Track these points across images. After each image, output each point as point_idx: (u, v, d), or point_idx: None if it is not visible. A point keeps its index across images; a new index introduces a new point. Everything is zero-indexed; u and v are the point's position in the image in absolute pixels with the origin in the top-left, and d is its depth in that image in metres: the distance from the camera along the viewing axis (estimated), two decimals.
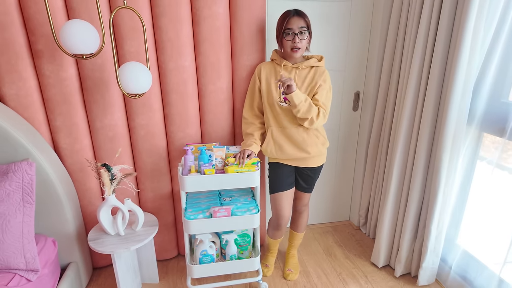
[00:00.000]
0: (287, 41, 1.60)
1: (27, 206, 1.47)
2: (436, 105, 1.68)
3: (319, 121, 1.66)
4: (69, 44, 1.35)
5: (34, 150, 1.54)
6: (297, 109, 1.59)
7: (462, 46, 1.47)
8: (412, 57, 1.76)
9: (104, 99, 1.70)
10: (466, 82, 1.53)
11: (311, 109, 1.61)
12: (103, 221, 1.63)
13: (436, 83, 1.64)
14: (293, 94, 1.55)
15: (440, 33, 1.57)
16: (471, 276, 1.76)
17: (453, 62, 1.52)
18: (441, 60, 1.60)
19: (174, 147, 1.89)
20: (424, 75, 1.69)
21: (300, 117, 1.62)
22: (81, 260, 1.84)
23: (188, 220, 1.65)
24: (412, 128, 1.82)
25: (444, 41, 1.58)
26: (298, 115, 1.61)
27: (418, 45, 1.67)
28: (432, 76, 1.64)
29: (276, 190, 1.80)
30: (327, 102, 1.69)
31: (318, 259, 2.20)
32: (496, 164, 1.58)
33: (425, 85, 1.70)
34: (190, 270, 1.76)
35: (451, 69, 1.55)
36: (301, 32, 1.57)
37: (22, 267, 1.42)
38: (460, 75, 1.51)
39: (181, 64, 1.72)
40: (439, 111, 1.69)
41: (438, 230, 1.78)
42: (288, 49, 1.62)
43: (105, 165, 1.57)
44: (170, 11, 1.62)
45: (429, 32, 1.63)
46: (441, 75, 1.63)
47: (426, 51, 1.66)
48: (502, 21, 1.46)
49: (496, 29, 1.47)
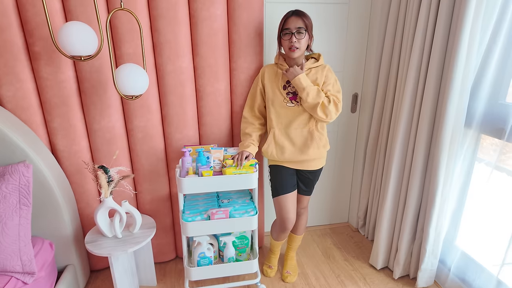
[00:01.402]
0: (285, 41, 1.60)
1: (24, 209, 1.46)
2: (434, 106, 1.68)
3: (332, 109, 1.62)
4: (67, 46, 1.35)
5: (31, 152, 1.54)
6: (306, 92, 1.57)
7: (459, 47, 1.47)
8: (409, 58, 1.76)
9: (101, 101, 1.70)
10: (463, 84, 1.54)
11: (320, 93, 1.59)
12: (100, 223, 1.62)
13: (433, 84, 1.64)
14: (300, 76, 1.54)
15: (437, 35, 1.58)
16: (469, 278, 1.76)
17: (451, 64, 1.52)
18: (439, 62, 1.61)
19: (172, 148, 1.89)
20: (422, 76, 1.69)
21: (311, 102, 1.59)
22: (79, 263, 1.83)
23: (186, 222, 1.64)
24: (410, 130, 1.82)
25: (442, 43, 1.58)
26: (308, 99, 1.58)
27: (416, 46, 1.68)
28: (430, 78, 1.64)
29: (280, 193, 1.79)
30: (337, 93, 1.67)
31: (317, 261, 2.20)
32: (495, 166, 1.58)
33: (423, 87, 1.71)
34: (188, 273, 1.75)
35: (448, 71, 1.55)
36: (299, 31, 1.57)
37: (19, 269, 1.41)
38: (458, 76, 1.52)
39: (179, 66, 1.72)
40: (437, 112, 1.69)
41: (437, 232, 1.78)
42: (286, 49, 1.63)
43: (102, 167, 1.57)
44: (168, 13, 1.62)
45: (426, 34, 1.64)
46: (439, 76, 1.64)
47: (423, 53, 1.67)
48: (499, 22, 1.46)
49: (493, 30, 1.48)
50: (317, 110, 1.61)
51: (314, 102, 1.59)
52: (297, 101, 1.68)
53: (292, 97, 1.68)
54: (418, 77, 1.72)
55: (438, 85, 1.65)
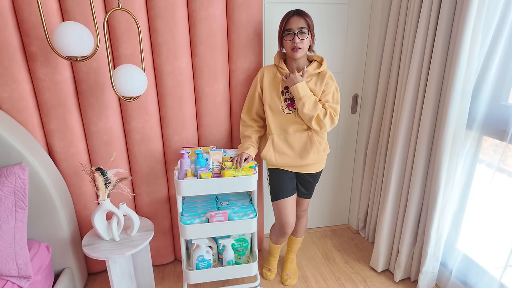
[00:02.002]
0: (287, 42, 1.57)
1: (20, 212, 1.44)
2: (435, 108, 1.66)
3: (327, 122, 1.60)
4: (62, 47, 1.33)
5: (28, 153, 1.52)
6: (302, 103, 1.54)
7: (461, 49, 1.46)
8: (410, 59, 1.75)
9: (99, 102, 1.68)
10: (465, 85, 1.52)
11: (317, 106, 1.56)
12: (98, 226, 1.60)
13: (435, 86, 1.62)
14: (298, 85, 1.52)
15: (438, 36, 1.56)
16: (471, 281, 1.74)
17: (452, 65, 1.51)
18: (440, 63, 1.59)
19: (170, 150, 1.87)
20: (423, 78, 1.67)
21: (306, 113, 1.57)
22: (76, 266, 1.81)
23: (185, 225, 1.62)
24: (411, 131, 1.80)
25: (443, 44, 1.56)
26: (304, 110, 1.56)
27: (417, 47, 1.66)
28: (431, 79, 1.62)
29: (279, 197, 1.76)
30: (335, 105, 1.64)
31: (317, 263, 2.18)
32: (497, 168, 1.56)
33: (424, 88, 1.69)
34: (186, 276, 1.73)
35: (450, 72, 1.54)
36: (301, 31, 1.53)
37: (14, 273, 1.39)
38: (459, 78, 1.50)
39: (177, 67, 1.70)
40: (438, 114, 1.68)
41: (438, 235, 1.76)
42: (288, 50, 1.59)
43: (100, 169, 1.55)
44: (166, 13, 1.61)
45: (427, 35, 1.62)
46: (440, 78, 1.62)
47: (424, 54, 1.65)
48: (501, 24, 1.44)
49: (495, 32, 1.46)
50: (312, 122, 1.60)
51: (309, 114, 1.57)
52: (294, 108, 1.64)
53: (290, 104, 1.65)
54: (419, 78, 1.70)
55: (439, 87, 1.63)
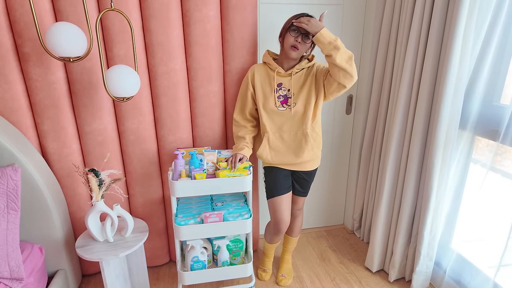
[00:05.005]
0: (290, 37, 1.53)
1: (12, 213, 1.43)
2: (428, 108, 1.67)
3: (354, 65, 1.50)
4: (55, 47, 1.32)
5: (20, 154, 1.51)
6: (333, 46, 1.44)
7: (452, 49, 1.47)
8: (404, 60, 1.76)
9: (93, 103, 1.67)
10: (457, 86, 1.53)
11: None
12: (91, 227, 1.59)
13: (427, 86, 1.63)
14: (323, 30, 1.45)
15: (431, 37, 1.57)
16: (465, 280, 1.75)
17: (444, 66, 1.52)
18: (433, 64, 1.60)
19: (165, 151, 1.86)
20: (416, 78, 1.68)
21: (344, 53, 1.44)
22: (70, 268, 1.80)
23: (179, 226, 1.62)
24: (404, 132, 1.81)
25: (435, 45, 1.57)
26: (340, 52, 1.44)
27: (410, 48, 1.67)
28: (424, 80, 1.63)
29: (274, 195, 1.76)
30: None
31: (312, 264, 2.18)
32: (490, 167, 1.57)
33: (417, 88, 1.70)
34: (181, 277, 1.73)
35: (442, 73, 1.55)
36: (307, 35, 1.52)
37: (6, 275, 1.38)
38: (451, 78, 1.51)
39: (171, 67, 1.70)
40: (431, 114, 1.69)
41: (432, 235, 1.77)
42: (288, 45, 1.55)
43: (93, 170, 1.54)
44: (160, 13, 1.60)
45: (420, 35, 1.63)
46: (433, 78, 1.63)
47: (417, 55, 1.66)
48: (493, 24, 1.45)
49: (487, 32, 1.47)
50: (352, 62, 1.47)
51: (347, 53, 1.45)
52: (288, 105, 1.65)
53: (283, 101, 1.65)
54: (413, 79, 1.71)
55: (432, 87, 1.64)
